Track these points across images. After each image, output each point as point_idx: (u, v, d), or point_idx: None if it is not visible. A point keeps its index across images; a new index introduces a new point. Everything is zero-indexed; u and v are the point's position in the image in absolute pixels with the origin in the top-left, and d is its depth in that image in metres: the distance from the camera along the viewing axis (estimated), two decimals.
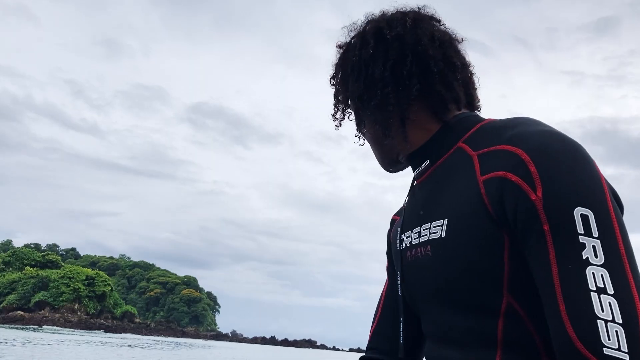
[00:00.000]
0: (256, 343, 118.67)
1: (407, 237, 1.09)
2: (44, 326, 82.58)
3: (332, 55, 1.20)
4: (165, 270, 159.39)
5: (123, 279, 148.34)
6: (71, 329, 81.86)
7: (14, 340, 29.71)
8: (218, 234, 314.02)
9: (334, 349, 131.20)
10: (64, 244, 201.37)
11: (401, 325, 1.14)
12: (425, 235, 1.01)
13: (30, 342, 26.98)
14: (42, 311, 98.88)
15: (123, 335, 79.60)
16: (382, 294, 1.26)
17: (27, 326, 77.43)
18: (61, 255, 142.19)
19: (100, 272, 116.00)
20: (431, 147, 1.09)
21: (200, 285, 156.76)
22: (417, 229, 1.05)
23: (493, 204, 0.90)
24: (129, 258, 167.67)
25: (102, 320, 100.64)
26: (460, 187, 0.98)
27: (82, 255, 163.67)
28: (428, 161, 1.09)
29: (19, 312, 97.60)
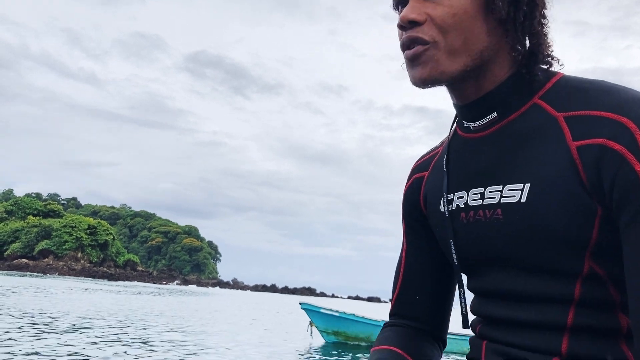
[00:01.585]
0: (257, 290, 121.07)
1: (461, 197, 1.01)
2: (48, 274, 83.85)
3: (331, 2, 1.06)
4: (166, 219, 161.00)
5: (124, 229, 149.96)
6: (75, 277, 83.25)
7: (27, 287, 30.37)
8: (218, 184, 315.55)
9: (333, 296, 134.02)
10: (64, 194, 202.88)
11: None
12: (494, 197, 0.94)
13: (41, 291, 27.60)
14: (46, 259, 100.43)
15: (126, 283, 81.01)
16: (401, 259, 1.18)
17: (32, 274, 78.68)
18: (62, 204, 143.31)
19: (102, 221, 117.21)
20: (500, 97, 0.96)
21: (201, 235, 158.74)
22: (479, 190, 0.97)
23: (588, 172, 0.85)
24: (129, 208, 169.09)
25: (105, 269, 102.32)
26: (545, 150, 0.90)
27: (83, 204, 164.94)
28: (495, 114, 0.97)
29: (23, 259, 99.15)
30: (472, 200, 0.98)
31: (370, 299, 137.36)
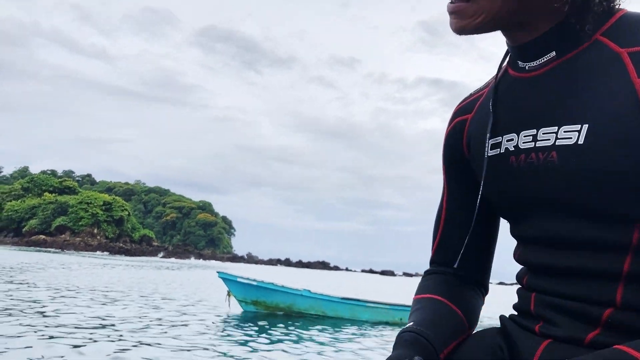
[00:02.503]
0: (271, 264, 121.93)
1: (510, 139, 0.95)
2: (65, 250, 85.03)
3: None
4: (180, 195, 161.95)
5: (139, 204, 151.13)
6: (92, 252, 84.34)
7: (49, 262, 30.74)
8: (231, 160, 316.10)
9: (346, 270, 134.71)
10: (79, 171, 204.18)
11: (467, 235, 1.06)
12: (548, 139, 0.88)
13: (64, 267, 27.92)
14: (63, 235, 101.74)
15: (142, 258, 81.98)
16: (441, 206, 1.13)
17: (50, 249, 79.87)
18: (77, 181, 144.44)
19: (117, 197, 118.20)
20: (559, 36, 0.90)
21: (215, 210, 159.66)
22: (531, 132, 0.92)
23: None
24: (144, 184, 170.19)
25: (121, 244, 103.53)
26: (607, 89, 0.84)
27: (97, 181, 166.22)
28: (554, 52, 0.91)
29: (41, 236, 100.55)
30: (523, 142, 0.93)
31: (384, 273, 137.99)
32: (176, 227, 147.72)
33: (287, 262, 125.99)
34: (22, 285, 13.41)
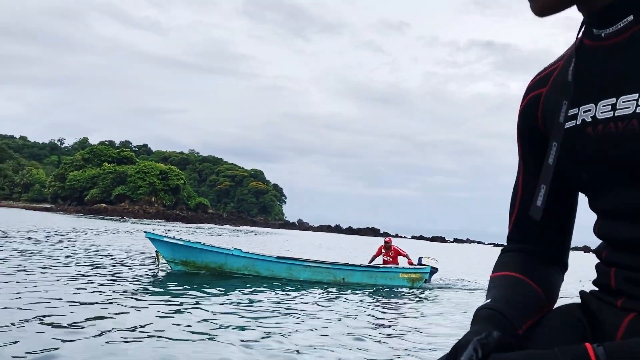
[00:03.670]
0: (322, 231, 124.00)
1: (588, 110, 0.92)
2: (125, 217, 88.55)
3: None
4: (232, 164, 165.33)
5: (194, 173, 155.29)
6: (150, 220, 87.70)
7: (124, 230, 32.62)
8: (281, 128, 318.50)
9: (396, 236, 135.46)
10: (135, 141, 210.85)
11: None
12: (628, 108, 0.84)
13: (130, 231, 29.67)
14: (122, 204, 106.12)
15: (199, 225, 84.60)
16: (517, 182, 1.11)
17: (111, 217, 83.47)
18: (134, 151, 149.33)
19: (173, 166, 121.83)
20: None
21: (267, 178, 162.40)
22: (610, 101, 0.88)
23: None
24: (198, 153, 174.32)
25: (178, 212, 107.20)
26: None
27: (153, 151, 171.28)
28: (632, 17, 0.87)
29: (102, 204, 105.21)
30: (602, 112, 0.89)
31: (434, 239, 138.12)
32: (229, 195, 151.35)
33: (337, 229, 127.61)
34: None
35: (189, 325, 5.82)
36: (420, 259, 14.67)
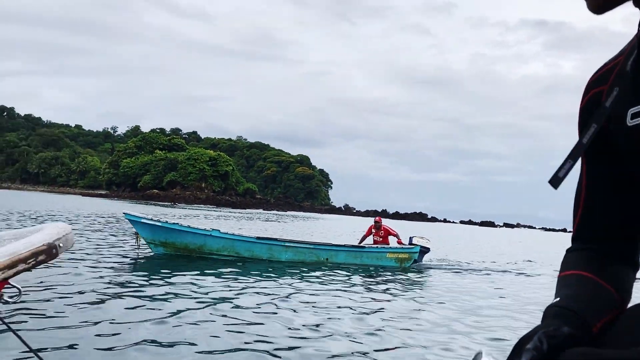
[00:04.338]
0: (368, 216, 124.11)
1: None
2: (177, 203, 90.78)
3: None
4: (279, 150, 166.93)
5: (242, 159, 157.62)
6: (200, 205, 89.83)
7: (179, 216, 33.94)
8: (327, 113, 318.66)
9: (444, 221, 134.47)
10: (185, 128, 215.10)
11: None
12: None
13: (182, 217, 30.83)
14: (174, 189, 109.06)
15: (248, 210, 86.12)
16: (581, 181, 1.07)
17: (164, 203, 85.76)
18: (184, 138, 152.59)
19: (222, 153, 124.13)
20: None
21: (313, 163, 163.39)
22: None
23: None
24: (245, 139, 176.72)
25: (227, 197, 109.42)
26: None
27: (203, 138, 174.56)
28: None
29: (154, 190, 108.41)
30: None
31: (483, 224, 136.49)
32: (276, 180, 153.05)
33: (384, 214, 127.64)
34: None
35: (165, 308, 5.86)
36: (411, 238, 14.07)
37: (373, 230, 14.34)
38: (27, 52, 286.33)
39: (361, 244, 13.73)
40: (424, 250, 14.03)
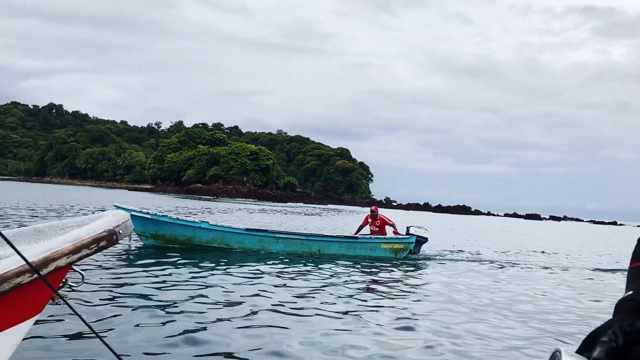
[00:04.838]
0: (410, 209, 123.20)
1: None
2: (219, 197, 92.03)
3: None
4: (319, 143, 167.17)
5: (282, 153, 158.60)
6: (242, 199, 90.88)
7: (237, 210, 34.32)
8: (367, 105, 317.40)
9: (488, 214, 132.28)
10: (227, 123, 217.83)
11: None
12: None
13: (225, 211, 31.20)
14: (217, 184, 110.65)
15: (289, 204, 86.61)
16: None
17: (207, 197, 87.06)
18: (226, 133, 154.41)
19: (262, 147, 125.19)
20: None
21: (353, 156, 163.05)
22: None
23: None
24: (285, 133, 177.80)
25: (268, 191, 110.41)
26: None
27: (244, 132, 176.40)
28: None
29: (197, 184, 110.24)
30: None
31: (528, 216, 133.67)
32: (316, 173, 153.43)
33: (426, 207, 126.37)
34: None
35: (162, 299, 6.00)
36: (408, 228, 13.79)
37: (369, 220, 13.94)
38: (75, 50, 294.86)
39: (355, 235, 13.41)
40: (421, 240, 13.67)
